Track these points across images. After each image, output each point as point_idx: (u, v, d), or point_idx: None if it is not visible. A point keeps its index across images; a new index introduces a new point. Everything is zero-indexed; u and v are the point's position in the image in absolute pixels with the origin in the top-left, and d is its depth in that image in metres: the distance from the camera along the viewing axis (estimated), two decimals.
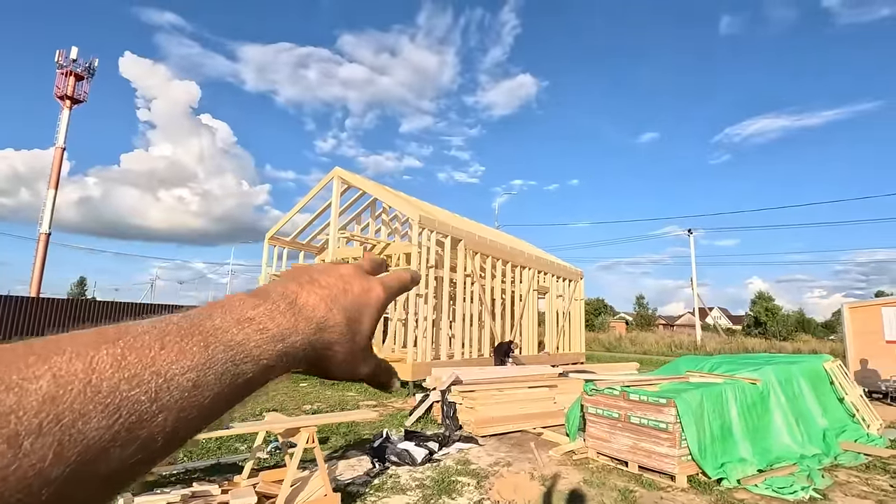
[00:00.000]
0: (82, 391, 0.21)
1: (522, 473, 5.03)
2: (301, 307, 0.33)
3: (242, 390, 0.28)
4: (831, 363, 7.02)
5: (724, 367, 6.42)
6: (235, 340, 0.28)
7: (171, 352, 0.25)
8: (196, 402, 0.25)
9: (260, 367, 0.29)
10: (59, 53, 38.25)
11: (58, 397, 0.20)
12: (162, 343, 0.25)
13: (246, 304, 0.31)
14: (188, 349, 0.25)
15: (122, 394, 0.22)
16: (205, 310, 0.29)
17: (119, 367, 0.22)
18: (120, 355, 0.23)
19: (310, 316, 0.33)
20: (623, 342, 33.72)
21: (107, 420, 0.21)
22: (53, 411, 0.20)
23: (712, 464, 4.85)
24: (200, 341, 0.26)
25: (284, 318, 0.31)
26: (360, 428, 6.78)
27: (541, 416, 7.10)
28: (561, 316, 17.06)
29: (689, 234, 34.87)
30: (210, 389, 0.26)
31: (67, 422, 0.20)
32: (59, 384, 0.20)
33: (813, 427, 6.03)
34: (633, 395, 5.20)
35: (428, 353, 10.68)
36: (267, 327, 0.30)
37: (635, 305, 58.22)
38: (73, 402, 0.20)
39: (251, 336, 0.29)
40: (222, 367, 0.27)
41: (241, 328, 0.29)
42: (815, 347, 27.31)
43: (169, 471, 4.77)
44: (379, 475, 4.86)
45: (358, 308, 0.36)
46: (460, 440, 6.06)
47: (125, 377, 0.22)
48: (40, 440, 0.19)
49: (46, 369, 0.21)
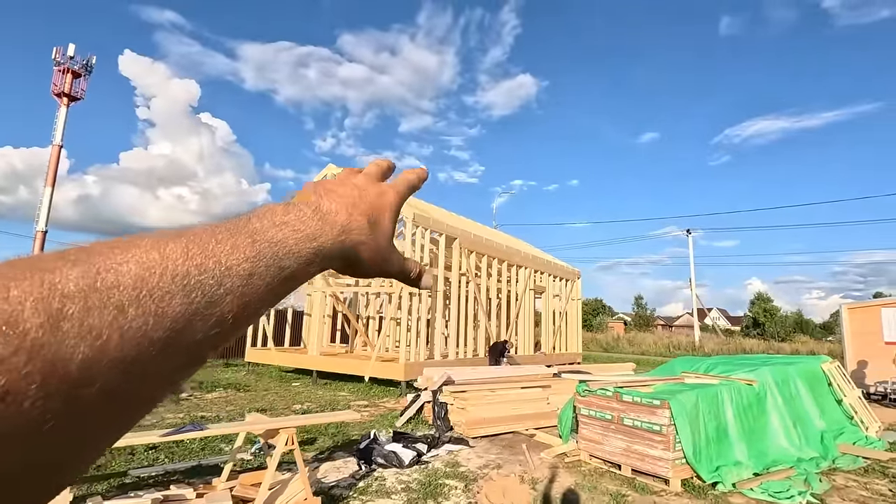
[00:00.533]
0: (163, 273, 0.25)
1: (512, 476, 4.90)
2: (325, 213, 0.37)
3: (288, 282, 0.32)
4: (829, 364, 6.90)
5: (720, 368, 6.30)
6: (277, 238, 0.32)
7: (226, 245, 0.29)
8: (253, 289, 0.29)
9: (300, 262, 0.33)
10: (56, 51, 38.00)
11: (146, 278, 0.24)
12: (217, 239, 0.29)
13: (278, 211, 0.34)
14: (240, 244, 0.30)
15: (193, 277, 0.26)
16: (244, 216, 0.33)
17: (187, 256, 0.26)
18: (185, 247, 0.27)
19: (333, 220, 0.37)
20: (621, 342, 33.60)
21: (186, 298, 0.25)
22: (146, 287, 0.24)
23: (707, 467, 4.72)
24: (248, 238, 0.30)
25: (313, 221, 0.35)
26: (350, 428, 6.65)
27: (533, 416, 6.97)
28: (557, 316, 16.93)
29: (688, 234, 34.78)
30: (262, 279, 0.30)
31: (158, 296, 0.24)
32: (145, 268, 0.24)
33: (810, 429, 5.91)
34: (627, 397, 5.08)
35: (422, 353, 10.55)
36: (300, 229, 0.34)
37: (634, 306, 58.10)
38: (158, 281, 0.25)
39: (289, 235, 0.33)
40: (270, 259, 0.31)
41: (279, 229, 0.33)
42: (813, 348, 27.21)
43: (147, 472, 4.64)
44: (364, 478, 4.73)
45: (375, 210, 0.41)
46: (450, 441, 5.93)
47: (194, 264, 0.26)
48: (141, 308, 0.23)
49: (131, 256, 0.25)
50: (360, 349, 14.20)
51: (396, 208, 0.44)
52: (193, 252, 0.27)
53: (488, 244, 13.34)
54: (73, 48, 38.03)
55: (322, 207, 0.37)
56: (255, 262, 0.30)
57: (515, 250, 14.96)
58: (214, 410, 7.81)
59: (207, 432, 3.68)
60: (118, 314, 0.22)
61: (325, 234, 0.36)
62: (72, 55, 37.97)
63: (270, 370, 13.75)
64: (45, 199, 35.84)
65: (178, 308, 0.25)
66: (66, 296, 0.21)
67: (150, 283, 0.24)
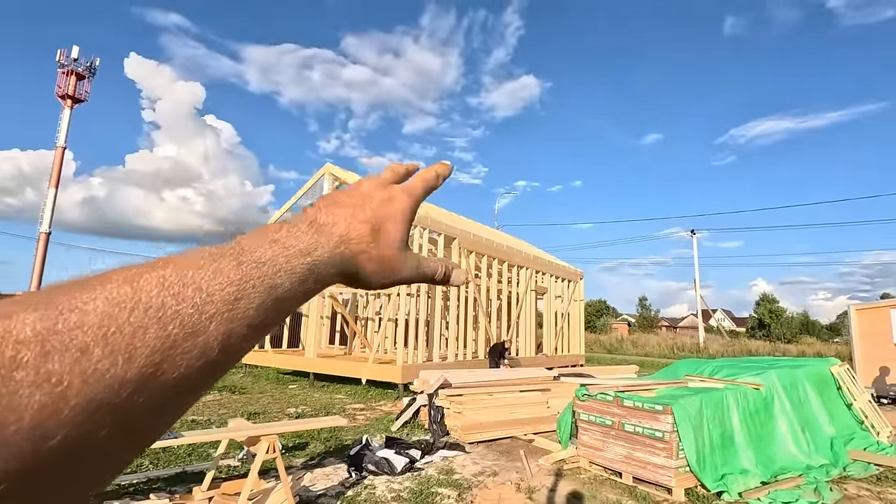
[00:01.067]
0: (134, 307, 0.23)
1: (508, 484, 4.71)
2: (321, 225, 0.35)
3: (282, 302, 0.30)
4: (838, 367, 6.67)
5: (725, 371, 6.09)
6: (265, 258, 0.30)
7: (207, 271, 0.27)
8: (240, 313, 0.27)
9: (294, 280, 0.31)
10: (60, 53, 38.17)
11: (114, 314, 0.23)
12: (197, 265, 0.27)
13: (269, 230, 0.33)
14: (223, 268, 0.28)
15: (169, 308, 0.24)
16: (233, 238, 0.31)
17: (162, 287, 0.25)
18: (161, 277, 0.25)
19: (330, 231, 0.35)
20: (625, 344, 33.31)
21: (162, 331, 0.24)
22: (114, 325, 0.22)
23: (712, 475, 4.52)
24: (232, 260, 0.29)
25: (306, 236, 0.33)
26: (343, 433, 6.47)
27: (532, 421, 6.77)
28: (560, 317, 16.71)
29: (692, 234, 34.49)
30: (250, 302, 0.28)
31: (128, 332, 0.23)
32: (113, 304, 0.23)
33: (820, 435, 5.69)
34: (628, 401, 4.88)
35: (420, 355, 10.36)
36: (291, 245, 0.32)
37: (638, 307, 57.73)
38: (128, 317, 0.23)
39: (278, 253, 0.31)
40: (258, 280, 0.29)
41: (268, 247, 0.31)
42: (819, 350, 26.85)
43: (129, 480, 4.48)
44: (354, 486, 4.55)
45: (379, 217, 0.38)
46: (446, 447, 5.74)
47: (170, 294, 0.25)
48: (108, 347, 0.22)
49: (99, 293, 0.23)
50: (358, 351, 14.03)
51: (407, 212, 0.40)
52: (170, 281, 0.25)
53: (488, 244, 13.15)
54: (77, 50, 38.18)
55: (319, 220, 0.35)
56: (240, 285, 0.28)
57: (516, 251, 14.75)
58: (207, 414, 7.65)
59: (182, 440, 3.51)
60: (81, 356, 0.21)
61: (321, 248, 0.34)
62: (76, 57, 38.13)
63: (268, 372, 13.60)
64: (49, 200, 35.97)
65: (153, 343, 0.23)
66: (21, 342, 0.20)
67: (118, 319, 0.23)
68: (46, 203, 36.07)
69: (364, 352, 13.40)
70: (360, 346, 14.13)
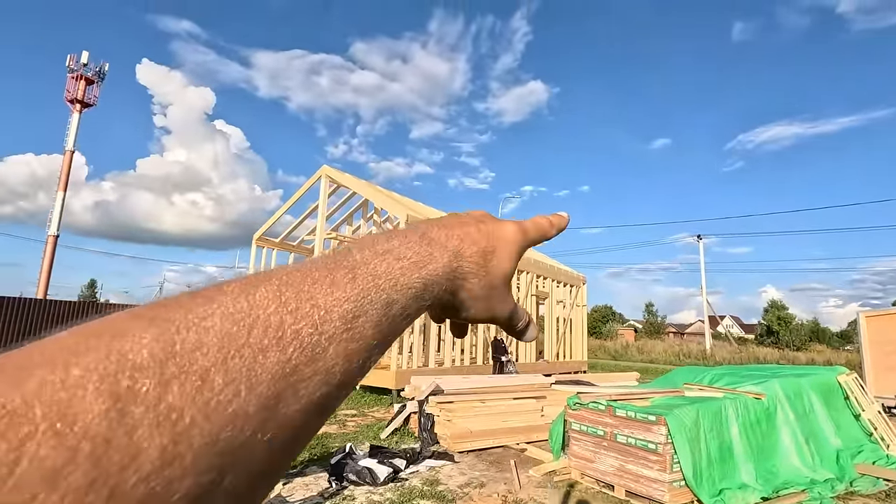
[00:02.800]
0: (253, 325, 0.21)
1: (494, 497, 4.51)
2: (433, 238, 0.33)
3: (398, 319, 0.28)
4: (846, 376, 6.39)
5: (725, 380, 5.84)
6: (380, 270, 0.27)
7: (324, 284, 0.24)
8: (360, 332, 0.24)
9: (409, 296, 0.29)
10: (70, 58, 38.63)
11: (233, 333, 0.20)
12: (313, 278, 0.24)
13: (380, 240, 0.30)
14: (339, 281, 0.25)
15: (289, 326, 0.22)
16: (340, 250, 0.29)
17: (280, 302, 0.22)
18: (277, 291, 0.23)
19: (444, 244, 0.33)
20: (630, 350, 32.87)
21: (283, 354, 0.21)
22: (234, 346, 0.19)
23: (709, 490, 4.28)
24: (348, 273, 0.26)
25: (420, 247, 0.31)
26: (330, 440, 6.29)
27: (526, 430, 6.55)
28: (562, 322, 16.45)
29: (699, 239, 34.06)
30: (369, 320, 0.25)
31: (249, 355, 0.20)
32: (232, 321, 0.20)
33: (825, 447, 5.42)
34: (620, 411, 4.66)
35: (415, 360, 10.17)
36: (405, 255, 0.30)
37: (644, 313, 57.13)
38: (248, 336, 0.20)
39: (393, 265, 0.28)
40: (375, 295, 0.26)
41: (381, 259, 0.28)
42: (829, 358, 26.29)
43: None
44: (333, 496, 4.36)
45: (492, 242, 0.36)
46: (433, 457, 5.54)
47: (288, 311, 0.22)
48: (230, 374, 0.19)
49: (216, 307, 0.20)
50: None
51: (518, 246, 0.37)
52: (287, 296, 0.23)
53: None
54: (86, 55, 38.62)
55: (430, 233, 0.33)
56: (358, 300, 0.25)
57: None
58: None
59: None
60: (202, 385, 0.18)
61: (436, 260, 0.31)
62: (85, 62, 38.56)
63: None
64: (58, 204, 36.30)
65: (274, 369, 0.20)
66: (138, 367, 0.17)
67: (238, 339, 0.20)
68: (55, 206, 36.42)
69: None
70: None
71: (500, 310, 0.37)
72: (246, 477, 0.19)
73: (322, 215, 12.03)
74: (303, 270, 0.25)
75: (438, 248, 0.32)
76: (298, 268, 0.25)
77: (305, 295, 0.23)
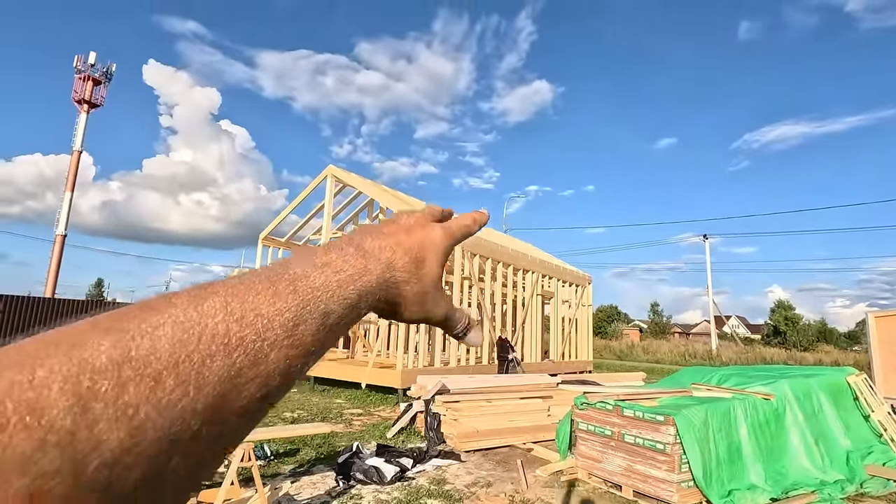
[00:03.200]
0: (202, 333, 0.23)
1: (501, 497, 4.50)
2: (368, 251, 0.34)
3: (334, 329, 0.30)
4: (855, 377, 6.34)
5: (733, 380, 5.80)
6: (318, 283, 0.29)
7: (266, 295, 0.26)
8: (300, 339, 0.27)
9: (345, 306, 0.31)
10: (77, 59, 38.88)
11: (184, 340, 0.22)
12: (256, 290, 0.26)
13: (318, 253, 0.32)
14: (280, 292, 0.27)
15: (234, 334, 0.24)
16: (280, 263, 0.30)
17: (226, 311, 0.24)
18: (224, 302, 0.25)
19: (378, 257, 0.34)
20: (635, 350, 32.73)
21: (228, 359, 0.23)
22: (184, 352, 0.22)
23: (718, 491, 4.26)
24: (289, 285, 0.28)
25: (356, 260, 0.33)
26: (337, 439, 6.30)
27: (532, 429, 6.54)
28: (567, 322, 16.41)
29: (705, 239, 33.89)
30: (307, 328, 0.27)
31: (198, 360, 0.22)
32: (182, 329, 0.22)
33: (835, 448, 5.38)
34: (628, 411, 4.64)
35: (421, 360, 10.18)
36: (342, 269, 0.32)
37: (650, 313, 56.91)
38: (198, 343, 0.22)
39: (330, 278, 0.30)
40: (314, 306, 0.28)
41: (320, 272, 0.30)
42: (837, 358, 26.07)
43: None
44: (340, 495, 4.37)
45: (421, 249, 0.38)
46: (440, 456, 5.54)
47: (234, 319, 0.24)
48: (180, 377, 0.21)
49: (167, 317, 0.22)
50: (360, 355, 13.89)
51: (445, 249, 0.40)
52: (233, 306, 0.25)
53: (492, 247, 12.94)
54: (93, 56, 38.87)
55: (365, 245, 0.35)
56: (298, 311, 0.27)
57: (522, 254, 14.51)
58: None
59: None
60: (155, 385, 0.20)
61: (370, 272, 0.33)
62: (93, 63, 38.81)
63: None
64: (65, 203, 36.57)
65: (220, 371, 0.23)
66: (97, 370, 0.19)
67: (188, 346, 0.22)
68: (62, 206, 36.71)
69: (366, 356, 13.25)
70: (362, 349, 13.99)
71: (434, 312, 0.39)
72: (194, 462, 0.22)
73: (328, 215, 12.07)
74: (246, 283, 0.27)
75: (373, 260, 0.34)
76: (242, 280, 0.27)
77: (250, 305, 0.25)
